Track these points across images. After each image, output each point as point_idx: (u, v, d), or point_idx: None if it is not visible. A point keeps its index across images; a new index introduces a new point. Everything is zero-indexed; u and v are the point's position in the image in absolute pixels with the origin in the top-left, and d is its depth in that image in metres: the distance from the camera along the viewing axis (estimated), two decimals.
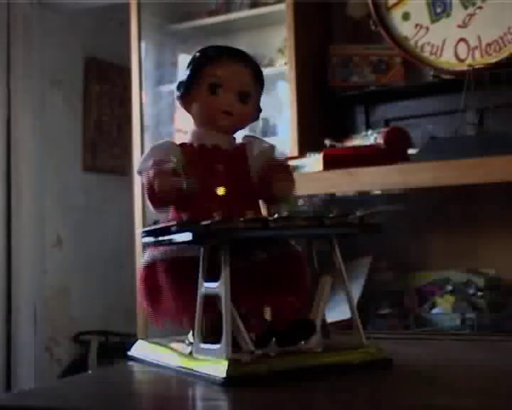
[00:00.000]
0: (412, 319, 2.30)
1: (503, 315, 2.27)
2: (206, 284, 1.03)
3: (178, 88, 1.18)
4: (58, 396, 0.98)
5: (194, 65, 1.17)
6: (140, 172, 1.14)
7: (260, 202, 1.19)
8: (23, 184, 3.73)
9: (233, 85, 1.15)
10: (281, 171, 1.17)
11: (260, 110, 1.21)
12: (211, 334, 1.03)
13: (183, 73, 1.19)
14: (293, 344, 1.05)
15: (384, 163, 2.26)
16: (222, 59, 1.16)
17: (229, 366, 0.96)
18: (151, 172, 1.10)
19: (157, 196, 1.10)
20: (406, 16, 2.59)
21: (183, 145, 1.17)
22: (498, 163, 2.09)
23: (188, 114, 1.20)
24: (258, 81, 1.18)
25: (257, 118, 1.21)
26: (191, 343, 1.08)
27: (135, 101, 3.14)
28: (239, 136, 1.21)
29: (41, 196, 3.85)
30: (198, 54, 1.18)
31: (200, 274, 1.03)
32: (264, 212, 1.18)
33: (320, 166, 2.34)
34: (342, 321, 1.22)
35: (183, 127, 3.08)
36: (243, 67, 1.17)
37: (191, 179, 1.10)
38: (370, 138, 2.51)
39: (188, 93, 1.17)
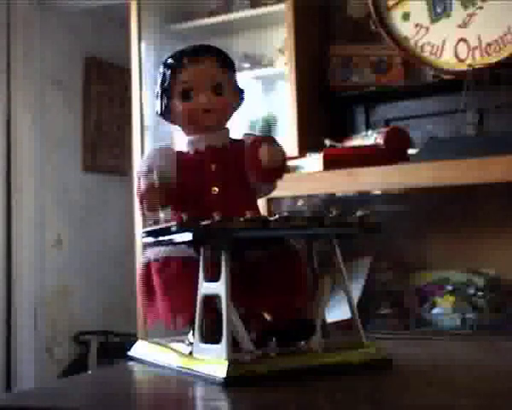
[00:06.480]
0: (412, 319, 2.30)
1: (503, 315, 2.27)
2: (206, 284, 1.02)
3: (156, 106, 1.18)
4: (58, 396, 0.98)
5: (161, 79, 1.17)
6: (138, 178, 1.14)
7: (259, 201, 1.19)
8: (23, 184, 3.73)
9: (203, 84, 1.15)
10: (266, 139, 1.15)
11: (242, 91, 1.20)
12: (210, 334, 1.03)
13: (154, 92, 1.19)
14: (293, 344, 1.05)
15: (384, 163, 2.26)
16: (183, 63, 1.15)
17: (229, 366, 0.96)
18: (143, 188, 1.11)
19: (146, 211, 1.12)
20: (406, 16, 2.59)
21: (179, 153, 1.16)
22: (498, 163, 2.09)
23: (175, 127, 1.19)
24: (227, 66, 1.18)
25: (242, 99, 1.20)
26: (191, 343, 1.08)
27: (135, 101, 3.13)
28: (239, 133, 1.20)
29: (41, 196, 3.85)
30: (161, 68, 1.17)
31: (200, 274, 1.03)
32: (263, 212, 1.18)
33: (320, 166, 2.34)
34: (342, 321, 1.22)
35: None
36: (206, 62, 1.16)
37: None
38: (370, 138, 2.51)
39: (166, 107, 1.17)
